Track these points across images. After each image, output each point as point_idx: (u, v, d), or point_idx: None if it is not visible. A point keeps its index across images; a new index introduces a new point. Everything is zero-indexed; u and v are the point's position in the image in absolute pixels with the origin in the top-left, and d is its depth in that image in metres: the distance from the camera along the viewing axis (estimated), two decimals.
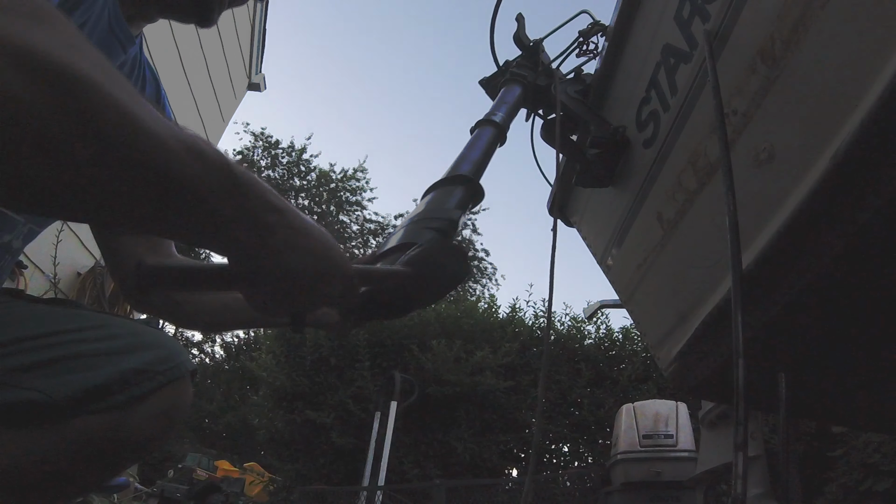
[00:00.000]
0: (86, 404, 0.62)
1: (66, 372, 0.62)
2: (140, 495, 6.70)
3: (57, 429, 0.60)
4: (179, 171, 0.45)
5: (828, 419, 2.28)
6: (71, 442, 0.61)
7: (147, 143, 0.42)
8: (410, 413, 6.01)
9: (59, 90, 0.38)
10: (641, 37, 1.20)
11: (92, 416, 0.62)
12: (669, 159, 1.07)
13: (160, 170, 0.44)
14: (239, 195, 0.50)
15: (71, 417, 0.61)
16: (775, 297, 0.85)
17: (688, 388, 1.19)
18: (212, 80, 5.01)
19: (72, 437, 0.61)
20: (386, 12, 34.93)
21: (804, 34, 0.72)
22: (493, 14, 1.36)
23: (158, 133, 0.43)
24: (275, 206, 0.54)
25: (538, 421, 1.97)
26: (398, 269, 0.67)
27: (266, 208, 0.53)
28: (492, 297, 9.96)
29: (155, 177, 0.44)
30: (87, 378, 0.62)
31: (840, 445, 3.78)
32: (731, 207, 0.74)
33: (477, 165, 0.97)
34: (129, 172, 0.42)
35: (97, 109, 0.39)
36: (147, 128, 0.42)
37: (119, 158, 0.41)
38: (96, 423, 0.62)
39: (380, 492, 4.86)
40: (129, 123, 0.41)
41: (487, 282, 19.37)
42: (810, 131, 0.73)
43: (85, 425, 0.62)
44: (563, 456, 7.66)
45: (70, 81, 0.38)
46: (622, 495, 4.03)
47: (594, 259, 1.55)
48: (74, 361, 0.63)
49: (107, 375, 0.63)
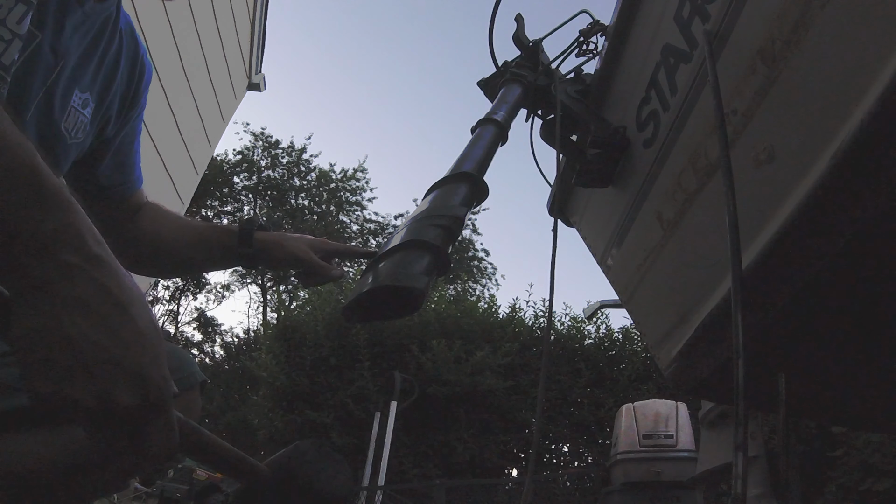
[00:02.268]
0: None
1: None
2: (140, 495, 6.70)
3: (67, 431, 0.62)
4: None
5: (828, 419, 2.28)
6: (78, 445, 0.62)
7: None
8: (410, 413, 6.01)
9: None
10: (641, 37, 1.20)
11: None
12: (669, 159, 1.06)
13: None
14: (38, 208, 0.40)
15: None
16: (775, 297, 0.85)
17: (688, 388, 1.19)
18: (212, 80, 5.01)
19: (80, 440, 0.62)
20: (386, 12, 34.92)
21: (804, 34, 0.72)
22: (493, 14, 1.36)
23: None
24: (88, 250, 0.42)
25: (538, 421, 1.97)
26: (253, 464, 0.52)
27: (72, 244, 0.41)
28: (492, 297, 9.96)
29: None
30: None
31: (840, 445, 3.78)
32: (731, 207, 0.74)
33: (480, 163, 0.97)
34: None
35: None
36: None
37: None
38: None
39: (380, 492, 4.86)
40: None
41: (487, 282, 19.39)
42: (810, 131, 0.73)
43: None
44: (563, 456, 7.67)
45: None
46: (622, 495, 4.03)
47: (594, 259, 1.55)
48: None
49: None
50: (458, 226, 0.83)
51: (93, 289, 0.42)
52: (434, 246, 0.78)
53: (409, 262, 0.76)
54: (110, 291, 0.43)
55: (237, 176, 20.09)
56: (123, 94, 0.91)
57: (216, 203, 20.26)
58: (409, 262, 0.76)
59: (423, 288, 0.74)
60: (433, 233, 0.79)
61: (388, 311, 0.81)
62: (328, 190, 20.20)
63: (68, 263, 0.41)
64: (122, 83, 0.89)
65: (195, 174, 5.06)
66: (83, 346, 0.40)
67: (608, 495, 4.23)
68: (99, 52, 0.81)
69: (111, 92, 0.87)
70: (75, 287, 0.41)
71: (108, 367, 0.41)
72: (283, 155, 19.87)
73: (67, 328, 0.40)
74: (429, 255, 0.77)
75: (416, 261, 0.76)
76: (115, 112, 0.90)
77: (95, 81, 0.82)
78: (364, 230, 20.37)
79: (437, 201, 0.85)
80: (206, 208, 19.97)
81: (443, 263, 0.79)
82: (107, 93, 0.86)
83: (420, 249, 0.77)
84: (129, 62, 0.90)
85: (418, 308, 0.78)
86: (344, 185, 20.08)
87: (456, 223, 0.82)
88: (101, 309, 0.42)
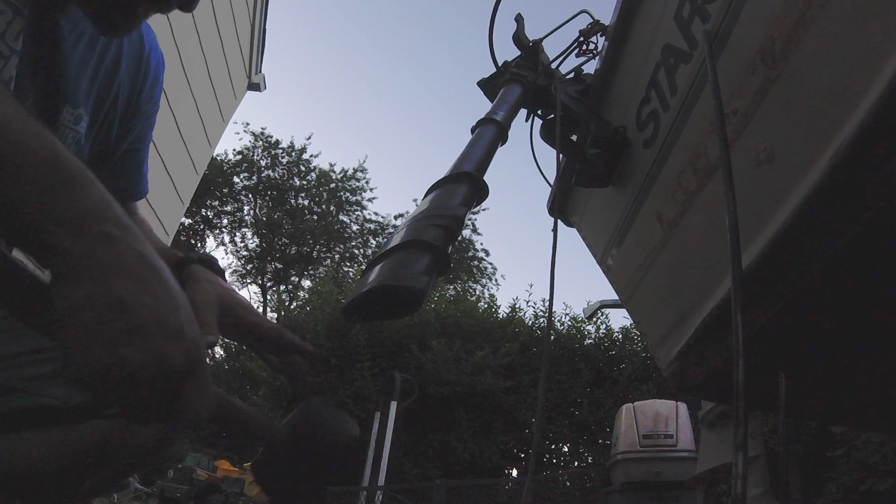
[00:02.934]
0: (98, 409, 0.64)
1: None
2: (140, 495, 6.70)
3: (72, 431, 0.63)
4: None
5: (828, 419, 2.28)
6: (84, 444, 0.64)
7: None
8: (410, 413, 6.01)
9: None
10: (641, 37, 1.20)
11: (104, 420, 0.64)
12: (669, 159, 1.07)
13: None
14: (70, 188, 0.42)
15: (85, 421, 0.63)
16: (775, 297, 0.85)
17: (688, 388, 1.19)
18: (212, 80, 5.01)
19: (83, 437, 0.64)
20: (386, 12, 34.94)
21: (804, 34, 0.72)
22: (493, 14, 1.36)
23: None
24: (120, 220, 0.44)
25: (538, 421, 1.97)
26: (271, 425, 0.53)
27: (107, 216, 0.43)
28: (492, 297, 9.96)
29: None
30: None
31: (840, 445, 3.78)
32: (731, 207, 0.74)
33: (480, 163, 0.97)
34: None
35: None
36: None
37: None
38: (108, 427, 0.65)
39: (380, 492, 4.86)
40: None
41: (487, 282, 19.39)
42: (810, 131, 0.73)
43: (98, 429, 0.65)
44: (563, 456, 7.67)
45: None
46: (622, 495, 4.03)
47: (594, 259, 1.55)
48: None
49: None
50: (459, 226, 0.83)
51: (131, 254, 0.43)
52: (434, 246, 0.78)
53: (410, 261, 0.76)
54: (145, 256, 0.44)
55: (237, 176, 20.10)
56: (127, 97, 0.86)
57: (216, 203, 20.27)
58: (409, 262, 0.76)
59: (424, 288, 0.74)
60: (433, 233, 0.79)
61: (388, 310, 0.81)
62: (328, 190, 20.21)
63: (106, 233, 0.42)
64: (125, 86, 0.85)
65: (195, 174, 5.06)
66: (135, 307, 0.41)
67: (608, 495, 4.23)
68: (94, 60, 0.77)
69: (108, 99, 0.82)
70: (118, 254, 0.42)
71: (159, 327, 0.42)
72: (283, 155, 19.89)
73: (118, 291, 0.41)
74: (429, 254, 0.77)
75: (416, 261, 0.76)
76: (117, 118, 0.85)
77: (90, 93, 0.78)
78: (364, 230, 20.39)
79: (437, 201, 0.85)
80: (206, 208, 19.98)
81: (443, 263, 0.79)
82: (104, 102, 0.81)
83: (420, 249, 0.77)
84: (132, 63, 0.85)
85: (418, 308, 0.78)
86: (344, 185, 20.09)
87: (456, 223, 0.82)
88: (142, 273, 0.43)
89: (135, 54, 0.85)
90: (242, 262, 20.32)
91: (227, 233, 20.56)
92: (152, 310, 0.43)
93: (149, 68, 0.88)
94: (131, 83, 0.86)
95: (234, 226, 20.51)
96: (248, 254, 20.39)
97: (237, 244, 20.46)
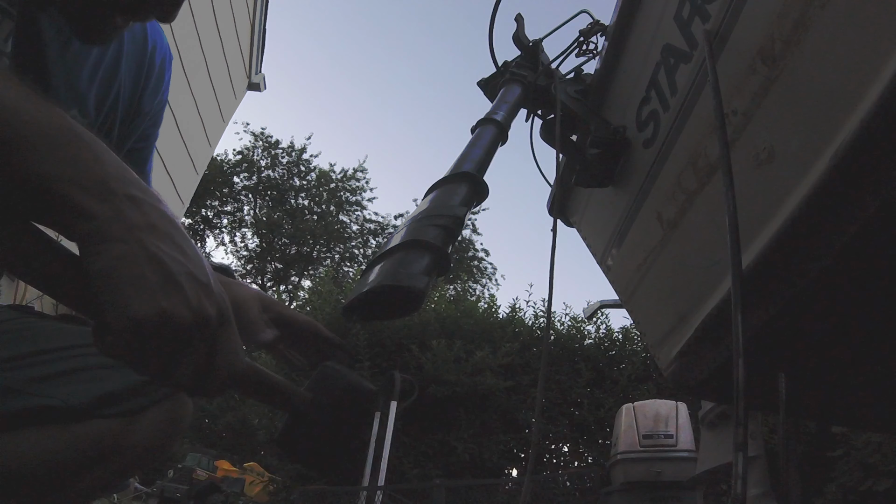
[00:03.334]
0: (97, 410, 0.65)
1: (79, 382, 0.66)
2: (140, 495, 6.70)
3: (69, 429, 0.64)
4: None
5: (828, 419, 2.28)
6: (81, 442, 0.64)
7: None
8: (410, 413, 6.01)
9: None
10: (641, 37, 1.20)
11: (102, 420, 0.65)
12: (669, 159, 1.07)
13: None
14: (91, 157, 0.43)
15: (83, 421, 0.64)
16: (775, 297, 0.85)
17: (688, 388, 1.19)
18: (212, 80, 5.01)
19: (82, 437, 0.64)
20: (386, 12, 34.94)
21: (804, 34, 0.72)
22: (492, 14, 1.36)
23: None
24: (140, 184, 0.45)
25: (538, 421, 1.97)
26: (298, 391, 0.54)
27: (130, 180, 0.45)
28: (492, 297, 9.96)
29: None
30: (98, 387, 0.65)
31: (840, 445, 3.78)
32: (731, 207, 0.74)
33: (480, 163, 0.97)
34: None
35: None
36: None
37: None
38: (105, 426, 0.65)
39: (380, 492, 4.86)
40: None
41: (487, 282, 19.39)
42: (810, 131, 0.73)
43: (95, 428, 0.65)
44: (563, 456, 7.67)
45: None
46: (622, 495, 4.03)
47: (594, 259, 1.55)
48: (87, 373, 0.66)
49: (116, 385, 0.66)
50: (459, 226, 0.83)
51: (157, 214, 0.45)
52: (434, 246, 0.78)
53: (410, 261, 0.76)
54: (167, 215, 0.46)
55: (237, 176, 20.10)
56: (129, 97, 0.83)
57: (216, 203, 20.27)
58: (409, 262, 0.76)
59: (424, 288, 0.74)
60: (433, 233, 0.79)
61: (388, 310, 0.81)
62: (328, 190, 20.21)
63: (131, 195, 0.44)
64: (126, 86, 0.82)
65: (195, 174, 5.06)
66: (168, 262, 0.43)
67: (608, 495, 4.23)
68: (90, 61, 0.75)
69: (109, 99, 0.80)
70: (144, 213, 0.44)
71: (192, 279, 0.44)
72: (283, 155, 19.88)
73: (151, 248, 0.43)
74: (429, 255, 0.77)
75: (416, 261, 0.76)
76: (118, 118, 0.83)
77: (88, 95, 0.76)
78: (364, 230, 20.38)
79: (437, 201, 0.85)
80: (206, 208, 19.98)
81: (443, 263, 0.79)
82: (103, 103, 0.80)
83: (420, 249, 0.77)
84: (133, 62, 0.82)
85: (418, 308, 0.78)
86: (344, 185, 20.09)
87: (456, 223, 0.82)
88: (169, 230, 0.45)
89: (137, 53, 0.84)
90: (242, 262, 20.34)
91: (227, 233, 20.57)
92: (183, 264, 0.44)
93: (153, 65, 0.87)
94: (133, 83, 0.84)
95: (234, 226, 20.53)
96: (248, 254, 20.40)
97: (237, 244, 20.47)
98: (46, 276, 0.43)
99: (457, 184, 0.89)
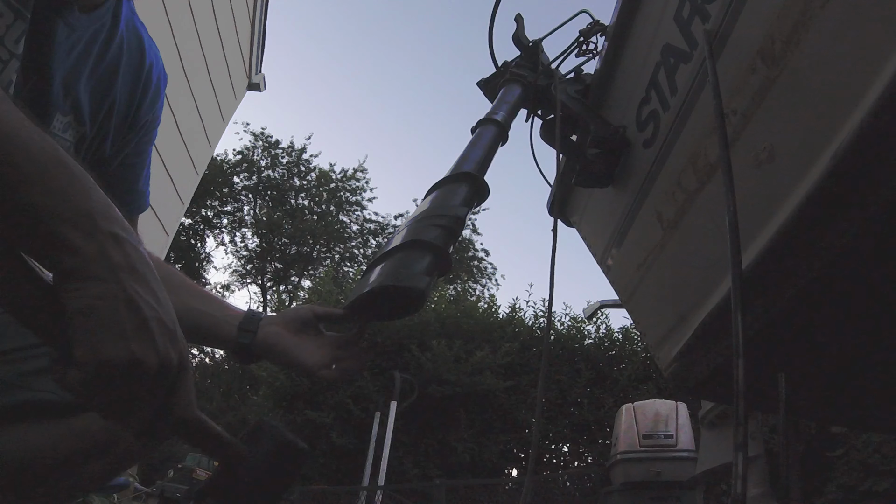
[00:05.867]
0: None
1: None
2: (140, 495, 6.70)
3: (66, 423, 0.65)
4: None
5: (828, 419, 2.28)
6: (75, 434, 0.65)
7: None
8: (410, 413, 6.01)
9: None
10: (641, 37, 1.20)
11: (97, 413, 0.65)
12: (669, 159, 1.07)
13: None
14: (78, 190, 0.43)
15: (79, 414, 0.64)
16: (775, 297, 0.85)
17: (688, 388, 1.19)
18: (212, 80, 5.01)
19: (77, 429, 0.65)
20: (385, 12, 34.92)
21: (804, 34, 0.72)
22: (492, 14, 1.36)
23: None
24: (122, 222, 0.45)
25: (538, 421, 1.98)
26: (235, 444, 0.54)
27: (113, 217, 0.45)
28: (492, 297, 9.98)
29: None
30: None
31: (840, 445, 3.78)
32: (731, 207, 0.74)
33: (480, 163, 0.97)
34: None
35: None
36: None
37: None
38: (101, 419, 0.65)
39: (380, 492, 4.86)
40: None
41: (487, 282, 19.38)
42: (810, 131, 0.73)
43: (89, 421, 0.66)
44: (563, 456, 7.67)
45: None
46: (622, 495, 4.03)
47: (594, 259, 1.55)
48: None
49: None
50: (459, 226, 0.83)
51: (137, 255, 0.45)
52: (435, 246, 0.78)
53: (410, 262, 0.76)
54: (145, 258, 0.46)
55: (237, 176, 20.09)
56: (125, 109, 0.83)
57: (216, 203, 20.26)
58: (410, 262, 0.76)
59: (424, 288, 0.74)
60: (434, 233, 0.79)
61: (388, 311, 0.81)
62: (328, 190, 20.20)
63: (115, 234, 0.44)
64: (122, 98, 0.82)
65: (195, 174, 5.06)
66: (143, 307, 0.43)
67: (608, 495, 4.23)
68: (88, 68, 0.75)
69: (104, 109, 0.80)
70: (126, 255, 0.44)
71: (162, 325, 0.44)
72: (283, 155, 19.87)
73: (130, 290, 0.43)
74: (430, 255, 0.77)
75: (417, 261, 0.76)
76: (112, 128, 0.82)
77: (83, 101, 0.76)
78: (364, 230, 20.38)
79: (437, 201, 0.85)
80: (206, 208, 19.97)
81: (444, 263, 0.79)
82: (98, 111, 0.79)
83: (421, 249, 0.77)
84: (129, 75, 0.82)
85: (420, 308, 0.78)
86: (344, 185, 20.08)
87: (457, 223, 0.82)
88: (146, 274, 0.45)
89: (133, 66, 0.83)
90: (242, 262, 20.33)
91: (227, 233, 20.56)
92: (155, 310, 0.44)
93: (149, 82, 0.86)
94: (129, 95, 0.84)
95: (234, 226, 20.52)
96: (248, 254, 20.39)
97: (237, 244, 20.46)
98: (21, 304, 0.43)
99: (457, 184, 0.89)
